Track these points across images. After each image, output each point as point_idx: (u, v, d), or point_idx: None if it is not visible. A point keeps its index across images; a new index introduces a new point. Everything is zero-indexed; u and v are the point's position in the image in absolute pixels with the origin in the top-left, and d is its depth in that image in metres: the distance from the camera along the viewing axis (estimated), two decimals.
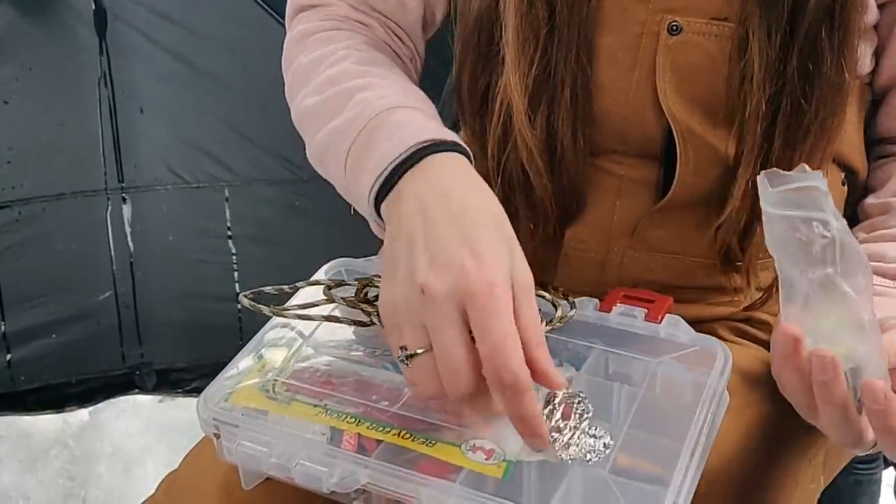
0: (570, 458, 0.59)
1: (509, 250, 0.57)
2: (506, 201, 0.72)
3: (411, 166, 0.62)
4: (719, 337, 0.69)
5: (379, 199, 0.63)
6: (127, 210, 1.58)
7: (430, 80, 0.88)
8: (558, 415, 0.61)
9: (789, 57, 0.66)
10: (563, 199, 0.73)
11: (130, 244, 1.60)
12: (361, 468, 0.59)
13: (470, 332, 0.55)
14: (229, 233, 1.61)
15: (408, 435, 0.60)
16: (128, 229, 1.59)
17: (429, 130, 0.63)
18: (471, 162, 0.64)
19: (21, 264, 1.54)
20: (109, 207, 1.57)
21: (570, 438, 0.60)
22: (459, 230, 0.57)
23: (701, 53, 0.69)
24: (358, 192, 0.66)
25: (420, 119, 0.65)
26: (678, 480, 0.56)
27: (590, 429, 0.60)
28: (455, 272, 0.55)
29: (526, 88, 0.69)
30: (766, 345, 0.77)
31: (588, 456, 0.59)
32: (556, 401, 0.62)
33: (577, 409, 0.61)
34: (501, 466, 0.58)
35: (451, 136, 0.64)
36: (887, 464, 1.16)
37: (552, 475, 0.57)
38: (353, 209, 0.70)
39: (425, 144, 0.62)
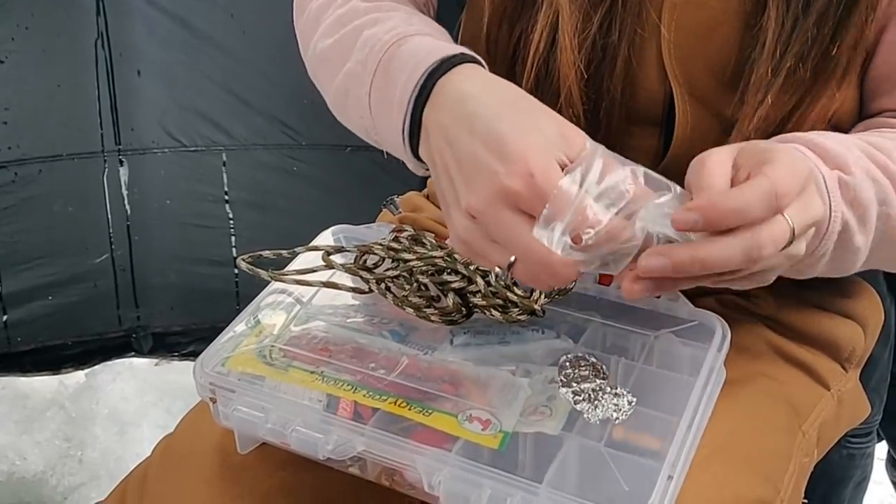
0: (598, 419, 0.59)
1: (536, 126, 0.56)
2: None
3: (427, 96, 0.61)
4: (717, 311, 0.69)
5: (414, 144, 0.63)
6: (124, 173, 1.57)
7: None
8: (576, 377, 0.61)
9: (802, 24, 0.65)
10: None
11: (127, 207, 1.59)
12: (357, 436, 0.59)
13: None
14: (226, 197, 1.61)
15: (404, 404, 0.61)
16: (125, 192, 1.58)
17: (434, 52, 0.62)
18: (482, 66, 0.63)
19: (17, 225, 1.53)
20: (106, 170, 1.56)
21: (594, 399, 0.60)
22: (481, 137, 0.56)
23: (705, 13, 0.68)
24: (390, 136, 0.65)
25: (427, 44, 0.64)
26: (674, 454, 0.57)
27: (611, 388, 0.61)
28: (489, 181, 0.54)
29: (582, 43, 0.68)
30: (763, 319, 0.77)
31: (615, 415, 0.59)
32: (570, 365, 0.62)
33: (593, 369, 0.62)
34: (498, 437, 0.58)
35: (457, 49, 0.63)
36: (880, 438, 1.17)
37: (548, 447, 0.58)
38: (386, 153, 0.69)
39: (434, 66, 0.61)
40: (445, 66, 0.61)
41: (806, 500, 0.74)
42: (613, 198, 0.53)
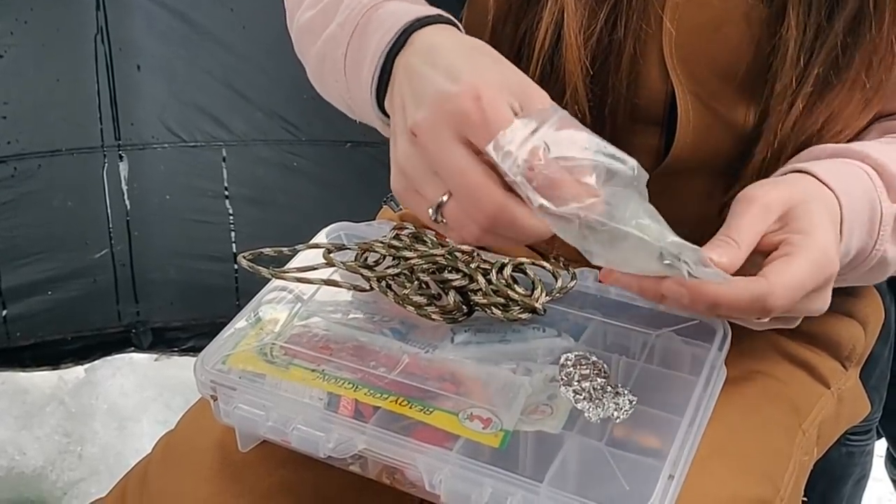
0: (599, 418, 0.59)
1: (497, 68, 0.55)
2: None
3: (400, 48, 0.60)
4: None
5: (380, 97, 0.62)
6: (124, 168, 1.57)
7: None
8: (577, 376, 0.61)
9: (831, 29, 0.64)
10: None
11: (127, 202, 1.59)
12: (358, 434, 0.59)
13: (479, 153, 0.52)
14: (226, 193, 1.61)
15: (405, 402, 0.60)
16: (124, 187, 1.58)
17: (412, 12, 0.62)
18: (459, 29, 0.63)
19: (16, 220, 1.53)
20: (106, 165, 1.56)
21: (595, 398, 0.60)
22: (442, 69, 0.55)
23: (708, 12, 0.67)
24: (360, 94, 0.64)
25: (406, 6, 0.64)
26: (675, 453, 0.56)
27: (612, 386, 0.61)
28: (437, 100, 0.53)
29: (587, 40, 0.67)
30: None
31: (616, 414, 0.59)
32: (570, 363, 0.62)
33: (594, 368, 0.62)
34: (499, 436, 0.58)
35: (434, 11, 0.63)
36: (879, 435, 1.18)
37: (549, 445, 0.58)
38: (359, 122, 0.69)
39: (409, 24, 0.61)
40: (420, 23, 0.61)
41: (805, 499, 0.74)
42: (570, 155, 0.52)
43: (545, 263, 0.71)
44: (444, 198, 0.53)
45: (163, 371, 1.73)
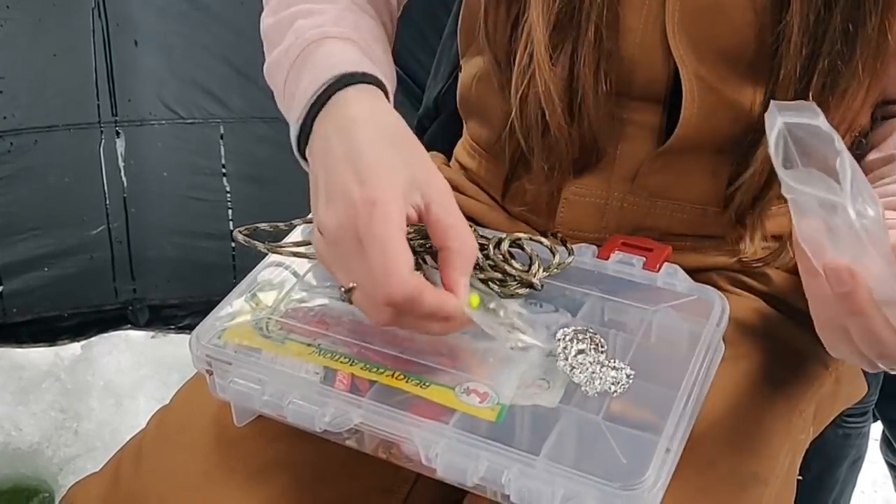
0: (596, 392, 0.59)
1: (406, 163, 0.58)
2: (524, 140, 0.72)
3: (323, 105, 0.63)
4: (717, 286, 0.69)
5: (301, 144, 0.65)
6: (121, 144, 1.56)
7: (431, 22, 0.85)
8: (573, 351, 0.61)
9: (831, 17, 0.64)
10: (581, 144, 0.71)
11: (124, 179, 1.58)
12: (354, 408, 0.59)
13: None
14: (223, 170, 1.60)
15: (401, 376, 0.60)
16: (121, 164, 1.57)
17: (343, 64, 0.64)
18: (386, 91, 0.65)
19: (13, 196, 1.52)
20: (103, 141, 1.55)
21: (592, 372, 0.60)
22: (352, 160, 0.57)
23: None
24: (293, 129, 0.67)
25: (338, 52, 0.66)
26: (671, 428, 0.56)
27: (609, 361, 0.61)
28: (342, 202, 0.56)
29: (548, 23, 0.67)
30: (763, 295, 0.77)
31: (612, 388, 0.59)
32: (568, 338, 0.62)
33: (591, 343, 0.62)
34: (495, 410, 0.58)
35: (366, 66, 0.64)
36: (875, 418, 1.17)
37: (545, 419, 0.58)
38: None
39: (335, 79, 0.63)
40: (347, 80, 0.63)
41: (801, 478, 0.74)
42: None
43: (543, 239, 0.70)
44: (353, 285, 0.57)
45: (159, 348, 1.73)
